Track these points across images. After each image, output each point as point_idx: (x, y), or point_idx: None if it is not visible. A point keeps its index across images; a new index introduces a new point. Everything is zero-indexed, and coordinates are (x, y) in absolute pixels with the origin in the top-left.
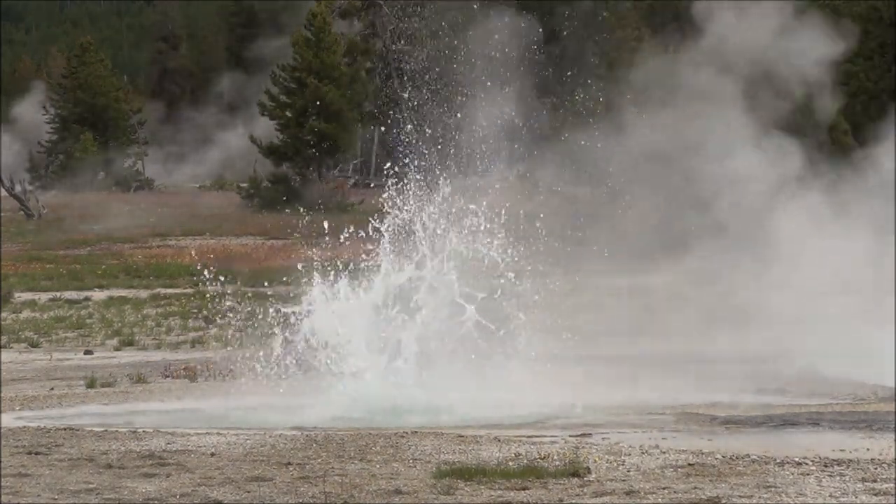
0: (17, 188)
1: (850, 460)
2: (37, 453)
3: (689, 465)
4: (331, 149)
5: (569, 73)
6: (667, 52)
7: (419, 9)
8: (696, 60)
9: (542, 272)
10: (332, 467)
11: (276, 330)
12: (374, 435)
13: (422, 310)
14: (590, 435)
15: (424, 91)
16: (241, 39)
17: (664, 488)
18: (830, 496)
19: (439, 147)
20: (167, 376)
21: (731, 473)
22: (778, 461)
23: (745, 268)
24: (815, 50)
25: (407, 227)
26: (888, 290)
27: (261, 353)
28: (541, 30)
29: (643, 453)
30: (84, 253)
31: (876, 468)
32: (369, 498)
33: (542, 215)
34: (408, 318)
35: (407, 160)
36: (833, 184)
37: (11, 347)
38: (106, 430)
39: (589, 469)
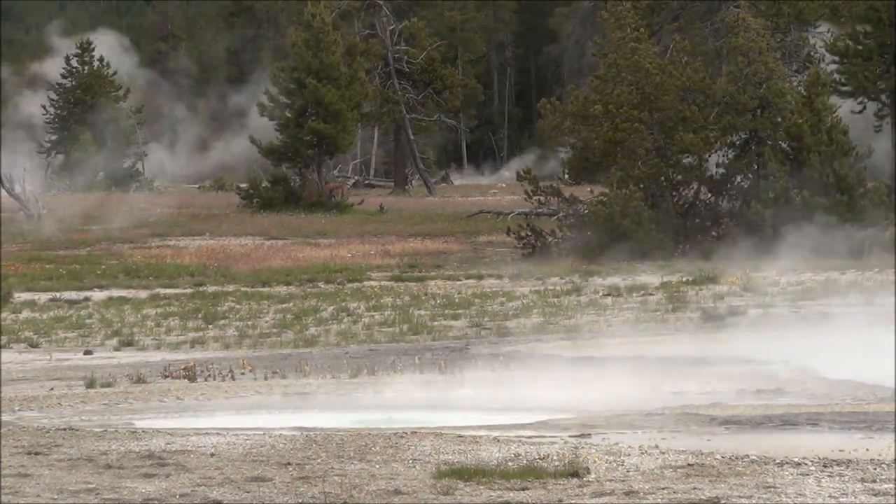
0: (17, 188)
1: (850, 460)
2: (37, 453)
3: (689, 465)
4: (330, 149)
5: None
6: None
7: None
8: None
9: None
10: (332, 467)
11: None
12: (374, 435)
13: None
14: (589, 435)
15: None
16: (240, 39)
17: (664, 489)
18: (830, 496)
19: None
20: (167, 376)
21: (730, 474)
22: (777, 461)
23: None
24: None
25: None
26: None
27: None
28: None
29: (643, 453)
30: (84, 253)
31: (875, 468)
32: (369, 498)
33: None
34: None
35: None
36: None
37: (11, 347)
38: (106, 430)
39: (588, 469)
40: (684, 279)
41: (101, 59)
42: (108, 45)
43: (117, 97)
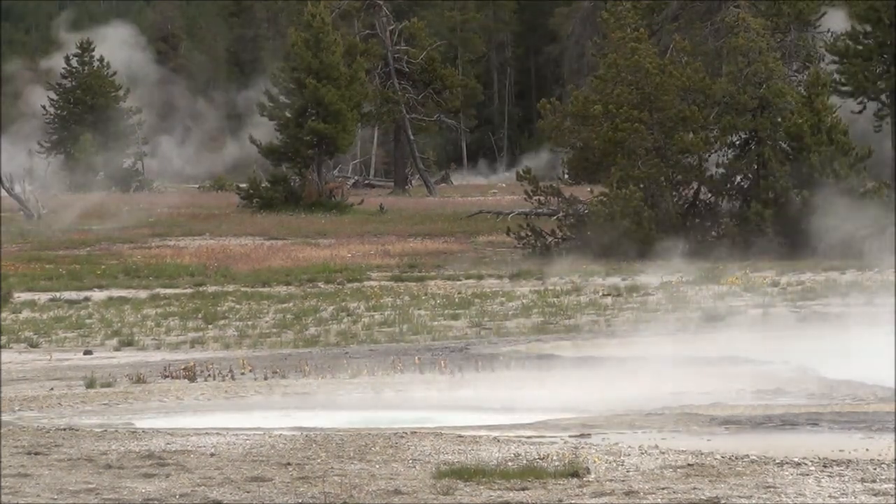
0: (17, 188)
1: (850, 461)
2: (37, 453)
3: (689, 465)
4: (330, 149)
5: None
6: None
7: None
8: None
9: None
10: (332, 467)
11: None
12: (374, 435)
13: None
14: (589, 435)
15: None
16: (240, 40)
17: (663, 489)
18: (830, 496)
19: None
20: (167, 376)
21: (730, 474)
22: (777, 461)
23: None
24: None
25: None
26: None
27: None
28: None
29: (643, 453)
30: (84, 253)
31: (875, 468)
32: (369, 498)
33: None
34: None
35: None
36: None
37: (11, 347)
38: (106, 430)
39: (588, 469)
40: (684, 279)
41: (101, 59)
42: (121, 40)
43: (117, 97)
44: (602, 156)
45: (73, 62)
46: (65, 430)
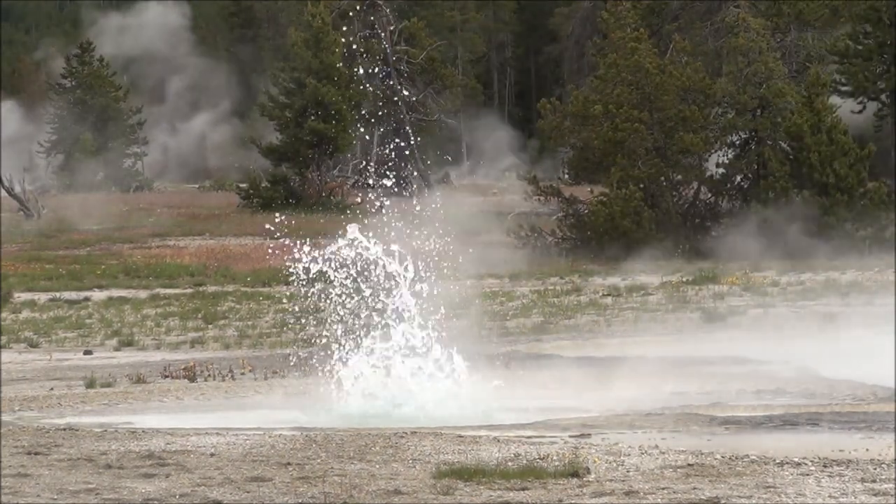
0: (17, 188)
1: (850, 461)
2: (36, 453)
3: (689, 465)
4: (330, 149)
5: None
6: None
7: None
8: None
9: None
10: (332, 467)
11: None
12: (374, 435)
13: None
14: (589, 435)
15: None
16: (240, 40)
17: (663, 489)
18: (830, 496)
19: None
20: (167, 376)
21: (730, 474)
22: (777, 461)
23: None
24: None
25: None
26: None
27: None
28: None
29: (643, 453)
30: (84, 253)
31: (875, 468)
32: (369, 498)
33: None
34: None
35: None
36: None
37: (11, 347)
38: (105, 430)
39: (588, 469)
40: (684, 279)
41: (100, 59)
42: (167, 15)
43: (117, 97)
44: (602, 156)
45: (74, 62)
46: (65, 430)
